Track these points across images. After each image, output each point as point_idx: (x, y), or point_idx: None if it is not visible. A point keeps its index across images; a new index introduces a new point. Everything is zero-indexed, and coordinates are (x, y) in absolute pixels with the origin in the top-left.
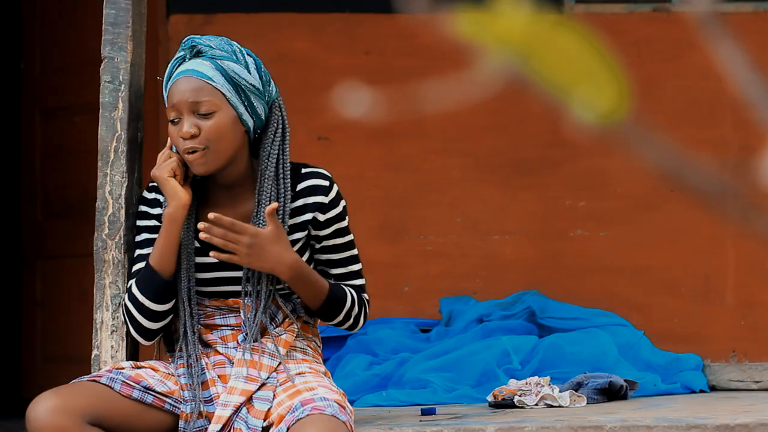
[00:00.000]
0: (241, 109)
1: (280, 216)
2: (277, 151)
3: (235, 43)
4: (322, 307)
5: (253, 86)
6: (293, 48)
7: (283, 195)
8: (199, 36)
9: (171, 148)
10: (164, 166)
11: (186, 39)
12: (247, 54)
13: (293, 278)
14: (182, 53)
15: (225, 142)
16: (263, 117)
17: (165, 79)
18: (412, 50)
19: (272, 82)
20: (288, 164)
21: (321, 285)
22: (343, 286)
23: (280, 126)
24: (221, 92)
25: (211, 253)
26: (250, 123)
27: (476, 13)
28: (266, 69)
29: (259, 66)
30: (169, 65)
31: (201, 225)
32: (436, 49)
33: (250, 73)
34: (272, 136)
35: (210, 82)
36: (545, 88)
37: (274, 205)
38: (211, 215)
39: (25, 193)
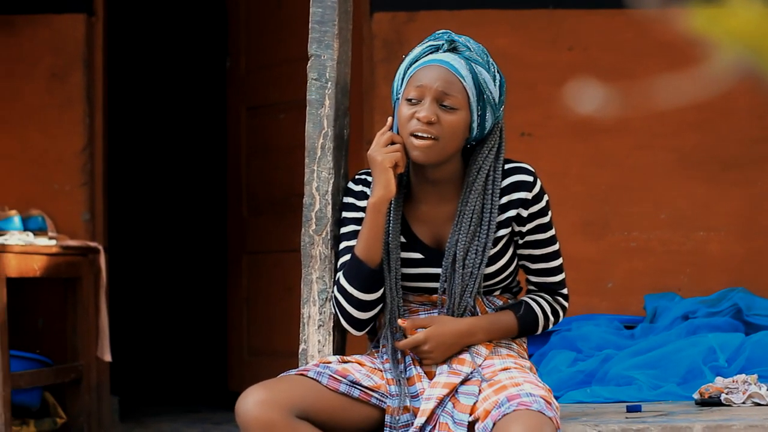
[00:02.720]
0: (475, 116)
1: (484, 230)
2: (488, 168)
3: (490, 55)
4: (518, 336)
5: (493, 99)
6: (496, 44)
7: (488, 210)
8: (458, 35)
9: (391, 128)
10: (388, 155)
11: (443, 32)
12: (497, 70)
13: (483, 338)
14: (437, 43)
15: (454, 141)
16: (485, 132)
17: (410, 61)
18: (616, 46)
19: (504, 104)
20: (498, 182)
21: (509, 324)
22: (533, 306)
23: (497, 145)
24: (468, 94)
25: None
26: (475, 132)
27: (709, 8)
28: (506, 90)
29: (503, 84)
30: (419, 50)
31: (401, 340)
32: (642, 45)
33: (494, 86)
34: (487, 152)
35: (462, 81)
36: None
37: (401, 322)
38: (399, 321)
39: (231, 190)
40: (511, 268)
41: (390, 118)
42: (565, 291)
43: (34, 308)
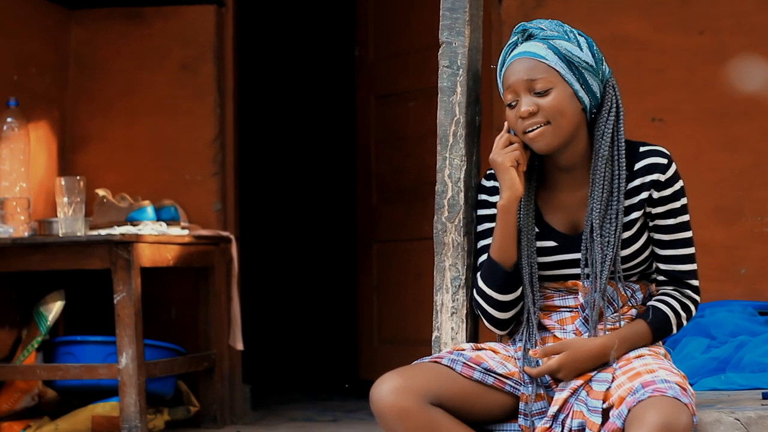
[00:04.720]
0: (576, 86)
1: (615, 197)
2: (611, 131)
3: (566, 24)
4: (654, 341)
5: (586, 63)
6: (626, 29)
7: (617, 176)
8: (529, 21)
9: (508, 131)
10: (508, 155)
11: (517, 26)
12: (578, 34)
13: (616, 356)
14: (514, 38)
15: (565, 117)
16: (598, 95)
17: (499, 66)
18: (747, 29)
19: (605, 62)
20: (623, 144)
21: (641, 333)
22: (661, 307)
23: (614, 105)
24: (555, 70)
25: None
26: (586, 100)
27: None
28: (598, 48)
29: (591, 44)
30: (502, 52)
31: (531, 369)
32: None
33: (582, 51)
34: (606, 115)
35: (543, 60)
36: None
37: (532, 353)
38: (531, 353)
39: (360, 178)
40: (647, 253)
41: (506, 123)
42: (695, 282)
43: (167, 297)
